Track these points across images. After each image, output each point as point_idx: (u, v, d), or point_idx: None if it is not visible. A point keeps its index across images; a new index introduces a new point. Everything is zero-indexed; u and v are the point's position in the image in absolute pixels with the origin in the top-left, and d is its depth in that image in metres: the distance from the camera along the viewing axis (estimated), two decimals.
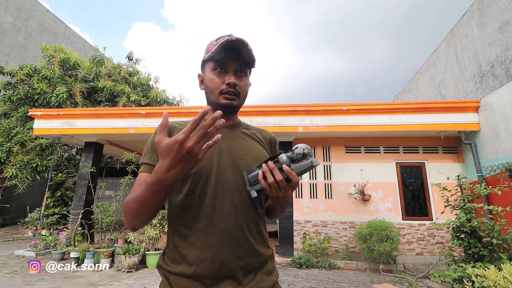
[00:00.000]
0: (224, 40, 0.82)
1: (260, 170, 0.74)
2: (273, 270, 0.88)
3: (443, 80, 8.03)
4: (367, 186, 5.79)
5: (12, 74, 8.32)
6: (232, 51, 0.85)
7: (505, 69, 5.50)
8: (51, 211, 7.62)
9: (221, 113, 0.58)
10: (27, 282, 3.97)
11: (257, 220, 0.85)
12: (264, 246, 0.86)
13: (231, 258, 0.77)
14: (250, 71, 0.94)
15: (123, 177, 5.61)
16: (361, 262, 5.21)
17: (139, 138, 6.66)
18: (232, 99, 0.87)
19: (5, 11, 11.67)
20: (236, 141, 0.91)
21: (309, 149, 0.73)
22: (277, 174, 0.71)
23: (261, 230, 0.86)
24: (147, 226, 5.07)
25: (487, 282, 2.14)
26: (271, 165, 0.71)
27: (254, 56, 0.88)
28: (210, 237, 0.77)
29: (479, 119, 5.29)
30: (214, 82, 0.87)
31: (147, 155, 0.83)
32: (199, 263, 0.76)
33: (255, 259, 0.81)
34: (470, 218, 3.10)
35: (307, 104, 5.69)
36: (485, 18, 6.09)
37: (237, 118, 1.00)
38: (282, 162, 0.71)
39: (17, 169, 7.13)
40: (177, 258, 0.79)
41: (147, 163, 0.82)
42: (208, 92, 0.90)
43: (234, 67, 0.87)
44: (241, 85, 0.88)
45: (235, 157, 0.86)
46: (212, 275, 0.75)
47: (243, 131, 0.96)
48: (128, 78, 9.94)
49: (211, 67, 0.88)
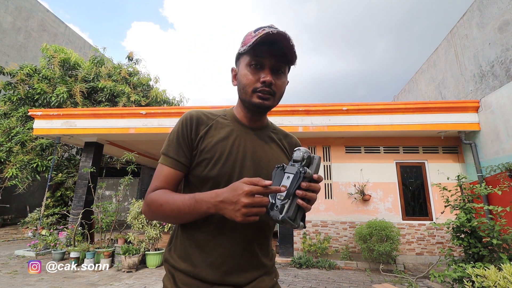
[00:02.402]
0: (264, 32, 0.74)
1: (295, 199, 0.66)
2: (273, 271, 0.88)
3: (443, 80, 8.03)
4: (367, 186, 5.79)
5: (12, 74, 8.33)
6: (271, 45, 0.77)
7: (505, 69, 5.50)
8: (51, 211, 7.63)
9: (285, 189, 0.63)
10: (27, 282, 3.97)
11: (267, 233, 0.85)
12: (267, 257, 0.86)
13: (236, 269, 0.77)
14: (289, 68, 0.86)
15: (123, 177, 5.61)
16: (361, 262, 5.21)
17: (139, 138, 6.67)
18: (266, 99, 0.80)
19: (5, 11, 11.67)
20: (261, 146, 0.87)
21: (306, 149, 0.71)
22: (316, 186, 0.67)
23: (269, 244, 0.86)
24: (147, 226, 5.08)
25: (487, 282, 2.14)
26: (306, 185, 0.65)
27: (296, 53, 0.79)
28: (219, 245, 0.76)
29: (479, 119, 5.29)
30: (248, 78, 0.80)
31: (171, 147, 0.80)
32: (204, 267, 0.76)
33: (259, 271, 0.82)
34: (470, 218, 3.10)
35: (307, 104, 5.69)
36: (485, 18, 6.09)
37: (266, 118, 0.94)
38: (310, 175, 0.67)
39: (17, 169, 7.12)
40: (183, 255, 0.79)
41: (171, 156, 0.80)
42: (240, 88, 0.83)
43: (271, 64, 0.79)
44: (277, 83, 0.81)
45: (257, 165, 0.83)
46: (215, 281, 0.76)
47: (270, 135, 0.92)
48: (128, 78, 9.94)
49: (246, 62, 0.80)
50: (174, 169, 0.79)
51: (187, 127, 0.82)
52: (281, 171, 0.70)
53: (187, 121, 0.83)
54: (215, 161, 0.79)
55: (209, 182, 0.79)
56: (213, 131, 0.84)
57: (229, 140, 0.83)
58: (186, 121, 0.83)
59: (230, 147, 0.81)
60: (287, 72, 0.86)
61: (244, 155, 0.82)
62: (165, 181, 0.78)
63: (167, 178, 0.78)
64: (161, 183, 0.78)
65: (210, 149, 0.80)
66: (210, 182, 0.79)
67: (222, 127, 0.85)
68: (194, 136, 0.82)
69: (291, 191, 0.65)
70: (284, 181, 0.67)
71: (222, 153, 0.80)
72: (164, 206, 0.72)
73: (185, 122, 0.83)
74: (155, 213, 0.74)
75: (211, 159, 0.79)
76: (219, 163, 0.79)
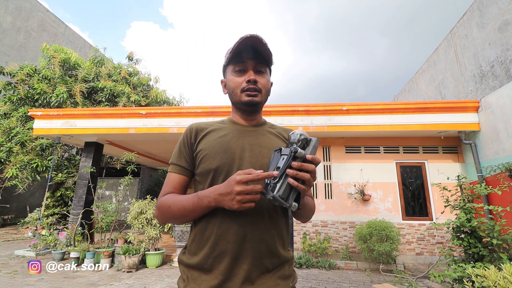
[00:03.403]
0: (240, 39, 0.84)
1: (288, 178, 0.67)
2: (290, 276, 0.85)
3: (443, 80, 8.03)
4: (367, 186, 5.79)
5: (12, 74, 8.33)
6: (249, 49, 0.87)
7: (505, 69, 5.50)
8: (51, 211, 7.63)
9: (278, 173, 0.67)
10: (27, 282, 3.97)
11: (276, 219, 0.83)
12: (282, 246, 0.84)
13: (245, 255, 0.76)
14: (270, 69, 0.95)
15: (123, 177, 5.61)
16: (361, 262, 5.21)
17: (139, 138, 6.67)
18: (253, 95, 0.88)
19: (5, 11, 11.67)
20: (259, 139, 0.91)
21: (303, 131, 0.73)
22: (309, 166, 0.67)
23: (281, 231, 0.84)
24: (147, 226, 5.08)
25: (487, 282, 2.14)
26: (297, 164, 0.66)
27: (270, 51, 0.88)
28: (226, 232, 0.78)
29: (479, 119, 5.29)
30: (234, 82, 0.89)
31: (175, 156, 0.92)
32: (214, 257, 0.77)
33: (270, 260, 0.79)
34: (470, 218, 3.10)
35: (307, 104, 5.69)
36: (485, 18, 6.09)
37: (261, 117, 1.00)
38: (302, 154, 0.67)
39: (17, 169, 7.12)
40: (195, 250, 0.81)
41: (175, 163, 0.91)
42: (230, 93, 0.92)
43: (253, 65, 0.88)
44: (261, 82, 0.89)
45: (258, 155, 0.86)
46: (225, 271, 0.76)
47: (268, 130, 0.96)
48: (128, 78, 9.94)
49: (231, 70, 0.91)
50: (178, 174, 0.89)
51: (188, 136, 0.92)
52: (278, 153, 0.73)
53: (188, 131, 0.94)
54: (214, 154, 0.85)
55: (210, 174, 0.84)
56: (212, 133, 0.92)
57: (227, 137, 0.89)
58: (187, 131, 0.94)
59: (228, 142, 0.87)
60: (269, 72, 0.95)
61: (243, 148, 0.86)
62: (172, 186, 0.88)
63: (173, 183, 0.88)
64: (169, 188, 0.87)
65: (209, 146, 0.87)
66: (211, 174, 0.83)
67: (220, 129, 0.93)
68: (193, 141, 0.91)
69: (282, 171, 0.67)
70: (279, 163, 0.70)
71: (220, 147, 0.86)
72: (172, 206, 0.80)
73: (186, 132, 0.94)
74: (165, 214, 0.82)
75: (210, 154, 0.86)
76: (218, 156, 0.84)
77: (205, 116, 5.71)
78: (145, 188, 12.79)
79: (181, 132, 5.72)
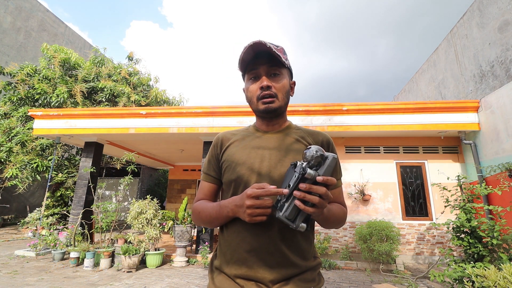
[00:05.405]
0: (245, 49, 0.84)
1: (296, 200, 0.64)
2: (312, 280, 0.83)
3: (443, 80, 8.03)
4: (367, 186, 5.79)
5: (13, 74, 8.33)
6: (257, 56, 0.86)
7: (505, 69, 5.50)
8: (51, 211, 7.62)
9: (287, 191, 0.66)
10: (27, 282, 3.97)
11: (292, 230, 0.81)
12: (301, 257, 0.82)
13: (260, 265, 0.78)
14: (287, 68, 0.91)
15: (123, 177, 5.61)
16: (361, 262, 5.21)
17: (139, 138, 6.67)
18: (269, 102, 0.87)
19: (5, 11, 11.67)
20: (281, 146, 0.89)
21: (320, 148, 0.66)
22: (319, 188, 0.63)
23: (298, 241, 0.82)
24: (147, 226, 5.08)
25: (487, 282, 2.14)
26: (305, 187, 0.63)
27: (276, 52, 0.83)
28: (242, 241, 0.80)
29: (479, 119, 5.28)
30: (250, 91, 0.90)
31: (205, 166, 0.99)
32: (232, 263, 0.81)
33: (288, 270, 0.79)
34: (470, 218, 3.10)
35: (307, 104, 5.69)
36: (485, 18, 6.09)
37: (285, 121, 0.98)
38: (312, 176, 0.62)
39: (18, 169, 7.12)
40: (220, 255, 0.87)
41: (205, 172, 0.98)
42: (249, 101, 0.94)
43: (265, 70, 0.87)
44: (277, 86, 0.87)
45: (277, 164, 0.84)
46: (238, 275, 0.79)
47: (291, 135, 0.93)
48: (128, 78, 9.95)
49: (247, 78, 0.92)
50: (207, 182, 0.97)
51: (215, 147, 0.98)
52: (292, 169, 0.69)
53: (215, 141, 0.99)
54: (235, 165, 0.88)
55: (232, 185, 0.88)
56: (235, 143, 0.95)
57: (248, 147, 0.91)
58: (214, 142, 1.00)
59: (248, 153, 0.89)
60: (286, 73, 0.91)
61: (263, 158, 0.87)
62: (203, 193, 0.96)
63: (204, 191, 0.96)
64: (201, 195, 0.96)
65: (231, 157, 0.91)
66: (232, 185, 0.88)
67: (243, 138, 0.96)
68: (219, 151, 0.96)
69: (290, 191, 0.65)
70: (292, 180, 0.67)
71: (240, 157, 0.89)
72: (201, 213, 0.88)
73: (214, 143, 0.99)
74: (197, 219, 0.91)
75: (231, 165, 0.89)
76: (237, 167, 0.87)
77: (205, 116, 5.71)
78: (145, 188, 12.80)
79: (181, 132, 5.73)
